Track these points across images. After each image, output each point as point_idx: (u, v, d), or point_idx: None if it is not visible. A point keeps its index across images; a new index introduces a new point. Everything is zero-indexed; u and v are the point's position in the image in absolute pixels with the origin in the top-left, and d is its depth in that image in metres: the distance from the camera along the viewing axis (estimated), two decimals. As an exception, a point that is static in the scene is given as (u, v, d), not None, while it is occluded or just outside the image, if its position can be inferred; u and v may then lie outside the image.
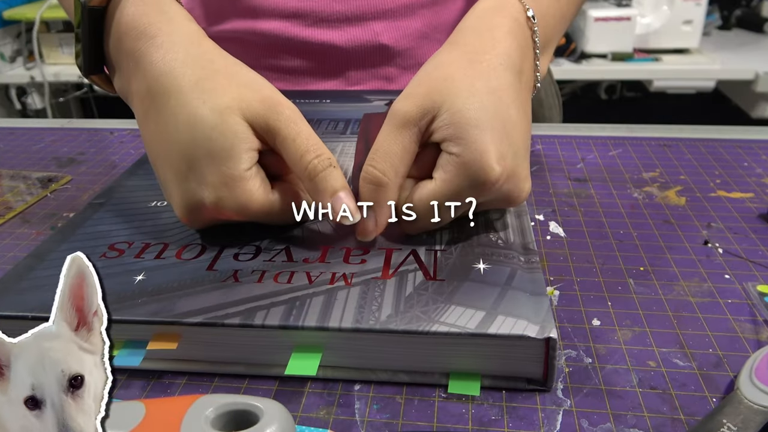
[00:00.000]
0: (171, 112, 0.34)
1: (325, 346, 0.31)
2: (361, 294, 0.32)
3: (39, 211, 0.49)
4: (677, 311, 0.36)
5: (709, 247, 0.41)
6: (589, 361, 0.32)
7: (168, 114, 0.35)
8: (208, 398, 0.26)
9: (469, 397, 0.30)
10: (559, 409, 0.29)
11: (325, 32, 0.59)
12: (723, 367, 0.31)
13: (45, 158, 0.59)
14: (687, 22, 1.62)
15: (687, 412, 0.29)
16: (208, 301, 0.32)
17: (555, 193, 0.49)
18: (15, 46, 1.88)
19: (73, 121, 0.70)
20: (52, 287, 0.33)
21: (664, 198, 0.48)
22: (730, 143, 0.57)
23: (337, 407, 0.30)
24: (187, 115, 0.34)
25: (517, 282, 0.33)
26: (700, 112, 2.00)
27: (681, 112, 2.02)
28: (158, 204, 0.42)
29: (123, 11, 0.37)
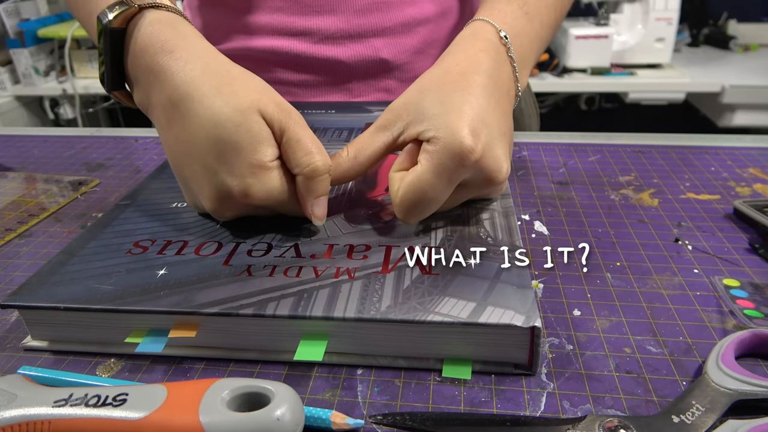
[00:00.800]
0: (196, 114, 0.34)
1: (331, 334, 0.31)
2: (363, 287, 0.32)
3: (70, 212, 0.49)
4: (650, 302, 0.36)
5: (679, 244, 0.41)
6: (571, 348, 0.32)
7: (193, 116, 0.35)
8: (224, 381, 0.26)
9: (462, 381, 0.30)
10: (543, 392, 0.29)
11: (330, 48, 0.59)
12: (692, 354, 0.31)
13: (76, 163, 0.59)
14: (659, 40, 1.62)
15: (659, 394, 0.29)
16: (224, 293, 0.32)
17: (539, 195, 0.49)
18: (48, 61, 1.88)
19: (102, 130, 0.70)
20: (82, 281, 0.33)
21: (638, 200, 0.48)
22: (699, 150, 0.57)
23: (341, 390, 0.30)
24: (212, 115, 0.34)
25: (505, 276, 0.33)
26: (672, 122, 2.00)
27: (654, 122, 2.02)
28: (179, 205, 0.42)
29: (140, 31, 0.37)
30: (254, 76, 0.37)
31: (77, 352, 0.33)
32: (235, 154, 0.34)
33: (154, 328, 0.32)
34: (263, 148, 0.34)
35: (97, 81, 1.86)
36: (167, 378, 0.31)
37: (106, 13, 0.37)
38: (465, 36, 0.41)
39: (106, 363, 0.32)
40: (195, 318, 0.31)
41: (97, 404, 0.26)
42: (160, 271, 0.34)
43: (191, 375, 0.31)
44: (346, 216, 0.40)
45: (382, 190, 0.43)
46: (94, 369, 0.32)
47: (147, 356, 0.33)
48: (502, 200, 0.41)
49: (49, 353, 0.33)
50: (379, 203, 0.41)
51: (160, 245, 0.37)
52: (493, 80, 0.38)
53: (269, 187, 0.35)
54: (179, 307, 0.31)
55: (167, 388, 0.26)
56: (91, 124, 2.03)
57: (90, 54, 1.85)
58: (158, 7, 0.38)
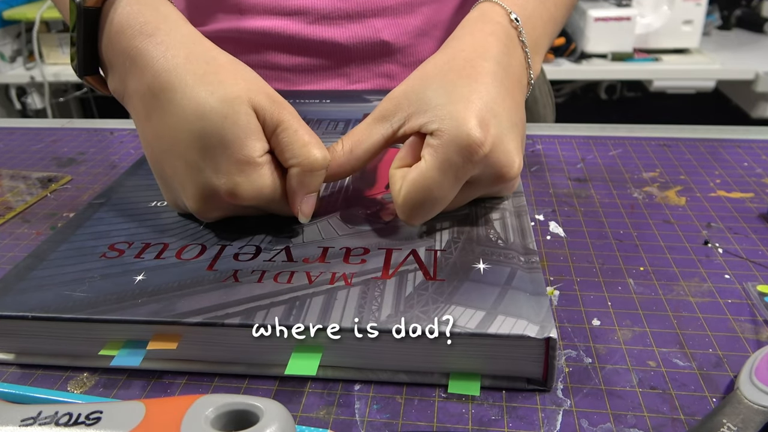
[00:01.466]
0: (178, 105, 0.34)
1: (325, 346, 0.31)
2: (361, 294, 0.32)
3: (39, 211, 0.49)
4: (677, 311, 0.36)
5: (709, 247, 0.41)
6: (589, 361, 0.32)
7: (175, 108, 0.34)
8: (208, 398, 0.26)
9: (469, 397, 0.30)
10: (559, 409, 0.29)
11: (326, 29, 0.59)
12: (723, 367, 0.31)
13: (45, 158, 0.59)
14: (687, 22, 1.62)
15: (687, 412, 0.29)
16: (208, 301, 0.32)
17: (555, 193, 0.49)
18: (15, 46, 1.88)
19: (73, 121, 0.70)
20: (52, 287, 0.33)
21: (664, 198, 0.48)
22: (730, 143, 0.57)
23: (337, 407, 0.30)
24: (195, 106, 0.34)
25: (517, 282, 0.33)
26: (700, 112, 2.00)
27: (681, 112, 2.02)
28: (158, 204, 0.42)
29: (117, 11, 0.37)
30: (243, 65, 0.37)
31: (47, 365, 0.33)
32: (221, 149, 0.34)
33: (131, 340, 0.32)
34: (252, 143, 0.34)
35: (68, 68, 1.86)
36: (145, 394, 0.31)
37: None
38: (472, 19, 0.41)
39: (79, 378, 0.32)
40: (176, 328, 0.31)
41: (69, 423, 0.26)
42: (138, 276, 0.34)
43: (172, 391, 0.31)
44: (342, 216, 0.40)
45: (381, 187, 0.43)
46: (65, 384, 0.32)
47: (123, 370, 0.33)
48: (514, 199, 0.41)
49: (15, 367, 0.33)
50: (379, 202, 0.41)
51: (137, 248, 0.37)
52: (503, 67, 0.38)
53: (258, 185, 0.35)
54: (159, 316, 0.31)
55: (146, 406, 0.26)
56: (62, 115, 2.04)
57: (61, 38, 1.85)
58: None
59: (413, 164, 0.35)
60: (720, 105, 1.85)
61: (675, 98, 1.82)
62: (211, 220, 0.38)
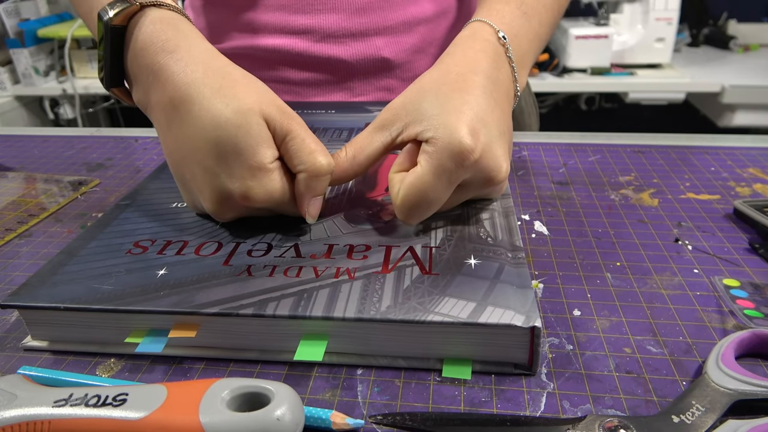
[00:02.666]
0: (196, 116, 0.34)
1: (331, 334, 0.31)
2: (363, 287, 0.32)
3: (70, 212, 0.49)
4: (650, 302, 0.36)
5: (679, 245, 0.41)
6: (571, 348, 0.32)
7: (193, 118, 0.35)
8: (224, 381, 0.26)
9: (462, 381, 0.30)
10: (543, 392, 0.29)
11: (331, 47, 0.59)
12: (692, 353, 0.31)
13: (76, 163, 0.59)
14: (659, 40, 1.62)
15: (659, 394, 0.29)
16: (224, 293, 0.32)
17: (539, 195, 0.49)
18: (48, 61, 1.88)
19: (102, 130, 0.70)
20: (82, 281, 0.33)
21: (638, 199, 0.48)
22: (699, 150, 0.57)
23: (341, 390, 0.30)
24: (212, 117, 0.34)
25: (505, 276, 0.33)
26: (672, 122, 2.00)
27: (654, 122, 2.02)
28: (179, 205, 0.42)
29: (141, 29, 0.37)
30: (255, 79, 0.37)
31: (77, 352, 0.33)
32: (235, 156, 0.34)
33: (154, 328, 0.32)
34: (263, 150, 0.34)
35: (97, 81, 1.86)
36: (167, 378, 0.31)
37: (107, 10, 0.37)
38: (463, 37, 0.41)
39: (106, 363, 0.32)
40: (195, 318, 0.31)
41: (97, 404, 0.26)
42: (160, 271, 0.34)
43: (191, 375, 0.31)
44: (346, 216, 0.40)
45: (381, 190, 0.43)
46: (94, 369, 0.32)
47: (147, 356, 0.33)
48: (502, 200, 0.41)
49: (49, 353, 0.33)
50: (379, 203, 0.41)
51: (160, 245, 0.37)
52: (492, 81, 0.38)
53: (269, 189, 0.35)
54: (179, 307, 0.31)
55: (167, 388, 0.26)
56: (91, 124, 2.03)
57: (90, 54, 1.85)
58: (160, 6, 0.38)
59: (410, 169, 0.35)
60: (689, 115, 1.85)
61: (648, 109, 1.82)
62: (226, 221, 0.38)
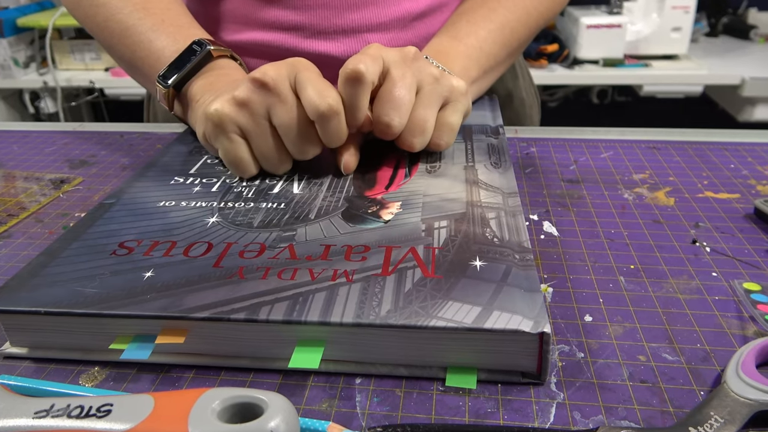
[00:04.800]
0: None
1: (327, 341, 0.31)
2: (361, 290, 0.32)
3: (51, 211, 0.49)
4: (666, 307, 0.36)
5: (696, 246, 0.41)
6: (582, 355, 0.32)
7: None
8: (214, 391, 0.26)
9: (466, 390, 0.30)
10: (553, 402, 0.29)
11: (322, 44, 0.60)
12: (710, 362, 0.31)
13: (57, 160, 0.59)
14: (676, 29, 1.62)
15: (676, 404, 0.29)
16: (214, 296, 0.32)
17: (548, 194, 0.49)
18: (28, 52, 1.88)
19: (85, 125, 0.70)
20: (63, 284, 0.33)
21: (653, 199, 0.48)
22: (717, 146, 0.57)
23: (339, 400, 0.30)
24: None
25: (512, 279, 0.33)
26: (689, 116, 2.00)
27: (670, 116, 2.02)
28: (166, 204, 0.42)
29: (216, 66, 0.52)
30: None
31: (59, 359, 0.33)
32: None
33: (141, 334, 0.32)
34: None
35: (79, 73, 1.87)
36: (154, 387, 0.31)
37: (208, 44, 0.51)
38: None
39: (90, 371, 0.32)
40: (184, 323, 0.31)
41: (80, 415, 0.26)
42: (147, 273, 0.34)
43: (180, 384, 0.31)
44: (343, 215, 0.40)
45: (381, 188, 0.43)
46: (77, 378, 0.32)
47: (133, 364, 0.33)
48: (509, 199, 0.41)
49: (29, 361, 0.33)
50: (379, 202, 0.41)
51: (146, 246, 0.37)
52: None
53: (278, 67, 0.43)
54: (167, 311, 0.31)
55: (154, 399, 0.26)
56: (74, 119, 2.04)
57: (72, 44, 1.86)
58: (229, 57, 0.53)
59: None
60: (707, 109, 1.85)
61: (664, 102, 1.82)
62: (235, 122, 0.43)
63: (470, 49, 0.55)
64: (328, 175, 0.46)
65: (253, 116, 0.43)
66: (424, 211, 0.40)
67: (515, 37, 0.59)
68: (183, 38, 0.52)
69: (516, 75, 0.74)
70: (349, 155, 0.45)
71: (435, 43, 0.56)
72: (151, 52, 0.53)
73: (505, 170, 0.45)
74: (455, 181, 0.44)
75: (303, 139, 0.43)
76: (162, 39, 0.53)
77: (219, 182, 0.45)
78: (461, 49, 0.54)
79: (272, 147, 0.44)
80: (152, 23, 0.53)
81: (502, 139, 0.52)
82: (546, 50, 1.67)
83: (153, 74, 0.52)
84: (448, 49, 0.54)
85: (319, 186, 0.44)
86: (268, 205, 0.41)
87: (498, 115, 0.57)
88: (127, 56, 0.55)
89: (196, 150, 0.52)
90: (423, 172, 0.46)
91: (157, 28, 0.53)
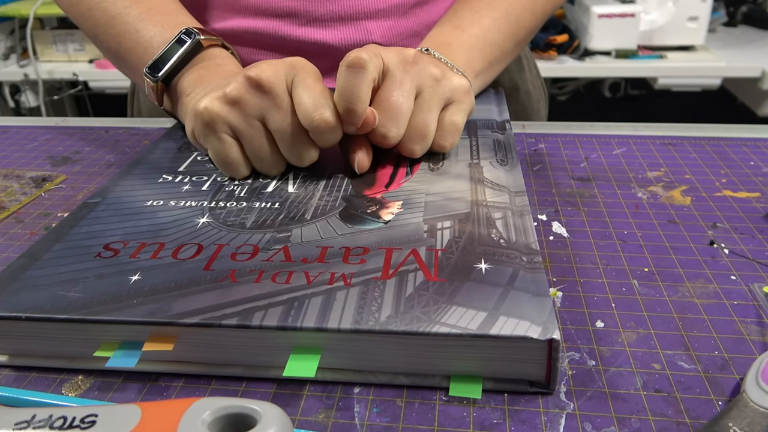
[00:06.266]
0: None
1: (324, 348, 0.31)
2: (360, 294, 0.32)
3: (33, 211, 0.49)
4: (682, 313, 0.36)
5: (714, 248, 0.41)
6: (593, 363, 0.32)
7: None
8: (205, 401, 0.26)
9: (471, 400, 0.30)
10: (563, 413, 0.29)
11: (318, 31, 0.60)
12: (729, 370, 0.31)
13: (39, 157, 0.59)
14: (692, 19, 1.62)
15: (692, 415, 0.29)
16: (204, 301, 0.32)
17: (558, 192, 0.49)
18: (8, 43, 1.88)
19: (68, 120, 0.70)
20: (45, 288, 0.33)
21: (668, 198, 0.48)
22: (736, 142, 0.57)
23: (337, 410, 0.30)
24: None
25: (519, 282, 0.33)
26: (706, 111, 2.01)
27: (686, 110, 2.03)
28: (154, 203, 0.42)
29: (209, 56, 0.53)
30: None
31: (41, 367, 0.33)
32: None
33: (127, 341, 0.32)
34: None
35: (62, 65, 1.87)
36: (141, 397, 0.31)
37: (199, 33, 0.51)
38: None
39: (73, 380, 0.32)
40: (172, 329, 0.31)
41: (63, 427, 0.26)
42: (134, 276, 0.34)
43: (168, 394, 0.31)
44: (341, 215, 0.40)
45: (381, 186, 0.43)
46: (60, 387, 0.32)
47: (118, 372, 0.33)
48: (516, 198, 0.41)
49: (9, 369, 0.33)
50: (378, 201, 0.41)
51: (133, 248, 0.37)
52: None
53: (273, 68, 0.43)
54: (154, 316, 0.31)
55: (141, 409, 0.26)
56: (56, 113, 2.04)
57: (55, 35, 1.86)
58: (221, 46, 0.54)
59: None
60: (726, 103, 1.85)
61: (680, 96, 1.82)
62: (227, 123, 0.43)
63: (474, 39, 0.55)
64: (324, 174, 0.46)
65: (245, 117, 0.43)
66: (426, 210, 0.40)
67: (522, 25, 0.58)
68: (171, 27, 0.52)
69: (522, 67, 0.74)
70: (363, 153, 0.44)
71: (437, 32, 0.56)
72: (138, 43, 0.53)
73: (512, 167, 0.46)
74: (459, 179, 0.44)
75: (299, 144, 0.43)
76: (149, 29, 0.53)
77: (210, 180, 0.45)
78: (464, 39, 0.54)
79: (266, 149, 0.44)
80: (139, 12, 0.53)
81: (509, 134, 0.52)
82: (555, 41, 1.67)
83: (140, 66, 0.52)
84: (450, 39, 0.54)
85: (316, 184, 0.44)
86: (261, 205, 0.42)
87: (504, 109, 0.58)
88: (114, 47, 0.55)
89: (186, 146, 0.52)
90: (425, 169, 0.46)
91: (143, 17, 0.53)
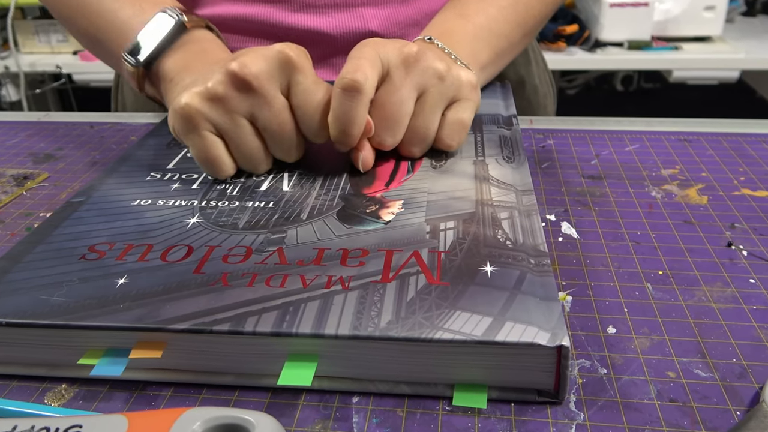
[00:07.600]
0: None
1: (321, 355, 0.31)
2: (359, 299, 0.32)
3: (14, 211, 0.49)
4: (698, 318, 0.36)
5: (732, 250, 0.42)
6: (604, 371, 0.32)
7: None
8: (195, 411, 0.26)
9: (476, 410, 0.30)
10: (572, 423, 0.29)
11: (311, 18, 0.60)
12: (747, 378, 0.31)
13: (20, 154, 0.59)
14: (709, 8, 1.63)
15: (709, 426, 0.29)
16: (195, 306, 0.32)
17: (567, 191, 0.49)
18: (-12, 33, 1.88)
19: (51, 115, 0.70)
20: (27, 291, 0.33)
21: (684, 197, 0.48)
22: (756, 138, 0.57)
23: (334, 421, 0.30)
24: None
25: (526, 286, 0.33)
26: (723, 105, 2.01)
27: (702, 105, 2.03)
28: (142, 203, 0.42)
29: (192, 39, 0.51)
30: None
31: (22, 376, 0.33)
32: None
33: (113, 348, 0.32)
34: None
35: (45, 57, 1.87)
36: (128, 407, 0.31)
37: (182, 14, 0.50)
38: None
39: (57, 389, 0.32)
40: (161, 335, 0.31)
41: (46, 437, 0.26)
42: (120, 280, 0.34)
43: (156, 404, 0.31)
44: (339, 215, 0.40)
45: (381, 185, 0.44)
46: (42, 396, 0.32)
47: (104, 381, 0.33)
48: (524, 197, 0.41)
49: (-12, 377, 0.33)
50: (378, 200, 0.41)
51: (119, 250, 0.37)
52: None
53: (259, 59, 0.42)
54: (142, 322, 0.31)
55: (128, 419, 0.26)
56: (39, 108, 2.04)
57: (37, 25, 1.86)
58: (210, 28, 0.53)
59: None
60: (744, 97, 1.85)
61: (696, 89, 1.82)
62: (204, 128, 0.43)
63: (479, 29, 0.55)
64: (321, 171, 0.46)
65: (229, 114, 0.42)
66: (428, 210, 0.40)
67: (530, 14, 0.58)
68: (150, 6, 0.51)
69: (528, 60, 0.74)
70: (367, 151, 0.45)
71: (439, 20, 0.56)
72: (114, 24, 0.52)
73: (519, 165, 0.46)
74: (463, 177, 0.44)
75: (291, 143, 0.44)
76: (126, 8, 0.51)
77: (200, 179, 0.45)
78: (469, 29, 0.54)
79: (252, 147, 0.44)
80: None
81: (516, 130, 0.52)
82: (564, 31, 1.68)
83: (118, 50, 0.51)
84: (454, 29, 0.54)
85: (312, 183, 0.44)
86: (255, 204, 0.42)
87: (511, 104, 0.58)
88: (90, 30, 0.54)
89: (175, 143, 0.52)
90: (427, 167, 0.46)
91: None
